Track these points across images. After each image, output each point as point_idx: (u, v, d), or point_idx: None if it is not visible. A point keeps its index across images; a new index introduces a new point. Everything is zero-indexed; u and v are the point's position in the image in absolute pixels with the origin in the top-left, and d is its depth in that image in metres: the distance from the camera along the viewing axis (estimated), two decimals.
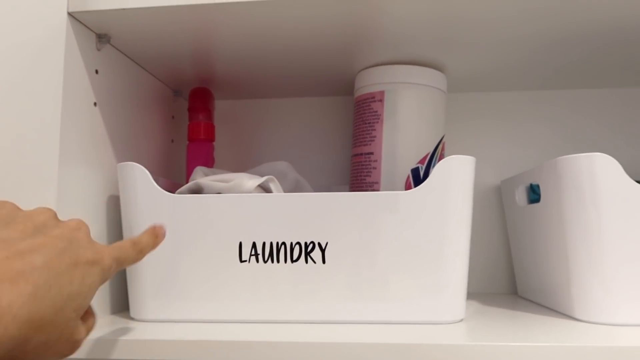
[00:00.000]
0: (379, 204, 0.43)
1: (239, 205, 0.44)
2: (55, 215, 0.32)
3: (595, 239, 0.43)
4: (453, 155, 0.43)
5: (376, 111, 0.56)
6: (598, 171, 0.42)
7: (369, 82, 0.57)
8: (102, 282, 0.31)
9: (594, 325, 0.42)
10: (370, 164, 0.56)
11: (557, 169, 0.45)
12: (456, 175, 0.43)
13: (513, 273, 0.65)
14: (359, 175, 0.57)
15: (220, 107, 0.70)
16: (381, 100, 0.56)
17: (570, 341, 0.36)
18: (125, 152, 0.54)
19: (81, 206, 0.45)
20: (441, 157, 0.57)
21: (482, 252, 0.65)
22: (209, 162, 0.61)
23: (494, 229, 0.66)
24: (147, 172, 0.45)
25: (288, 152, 0.69)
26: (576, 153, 0.65)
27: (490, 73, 0.62)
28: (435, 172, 0.43)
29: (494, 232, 0.65)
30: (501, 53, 0.55)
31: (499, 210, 0.66)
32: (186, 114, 0.66)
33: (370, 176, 0.56)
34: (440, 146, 0.57)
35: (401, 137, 0.55)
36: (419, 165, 0.55)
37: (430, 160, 0.56)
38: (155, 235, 0.38)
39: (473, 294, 0.62)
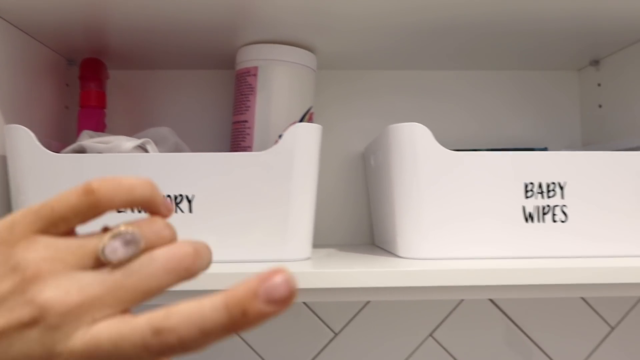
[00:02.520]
0: (236, 163, 0.51)
1: (112, 163, 0.51)
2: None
3: (414, 196, 0.53)
4: (300, 123, 0.52)
5: (251, 84, 0.64)
6: (416, 138, 0.53)
7: (246, 58, 0.65)
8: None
9: (410, 260, 0.53)
10: (245, 131, 0.64)
11: (388, 136, 0.55)
12: (303, 141, 0.52)
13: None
14: (235, 140, 0.65)
15: (115, 76, 0.75)
16: (255, 75, 0.64)
17: (388, 267, 0.46)
18: (16, 117, 0.58)
19: None
20: None
21: (349, 209, 0.76)
22: (99, 128, 0.66)
23: (359, 189, 0.76)
24: (30, 133, 0.51)
25: (177, 120, 0.75)
26: (427, 126, 0.76)
27: (359, 54, 0.71)
28: (284, 137, 0.52)
29: (359, 192, 0.76)
30: (367, 39, 0.65)
31: (364, 173, 0.76)
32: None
33: (244, 141, 0.63)
34: (307, 116, 0.65)
35: (272, 107, 0.63)
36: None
37: None
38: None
39: (337, 245, 0.73)
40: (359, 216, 0.76)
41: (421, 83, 0.78)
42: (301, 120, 0.65)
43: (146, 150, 0.54)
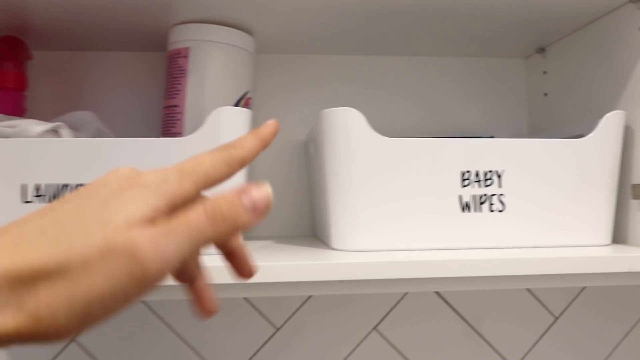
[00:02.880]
0: (156, 149, 0.48)
1: (17, 148, 0.46)
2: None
3: (347, 184, 0.51)
4: (225, 107, 0.48)
5: (182, 66, 0.60)
6: (349, 124, 0.50)
7: (177, 38, 0.61)
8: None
9: (341, 252, 0.50)
10: (175, 116, 0.60)
11: (321, 122, 0.52)
12: (228, 125, 0.49)
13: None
14: (166, 126, 0.61)
15: (40, 57, 0.70)
16: (186, 56, 0.60)
17: (312, 260, 0.44)
18: None
19: None
20: None
21: (290, 199, 0.73)
22: (18, 112, 0.61)
23: (301, 179, 0.73)
24: None
25: (106, 104, 0.71)
26: (373, 114, 0.74)
27: (301, 37, 0.68)
28: (207, 121, 0.48)
29: (301, 181, 0.73)
30: (307, 21, 0.61)
31: (306, 162, 0.74)
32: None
33: (174, 127, 0.60)
34: (242, 101, 0.62)
35: (204, 91, 0.60)
36: None
37: None
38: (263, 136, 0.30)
39: (277, 236, 0.70)
40: (301, 207, 0.73)
41: (367, 69, 0.76)
42: (236, 105, 0.61)
43: (60, 135, 0.50)
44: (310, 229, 0.73)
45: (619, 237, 0.57)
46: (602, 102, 0.61)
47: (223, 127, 0.48)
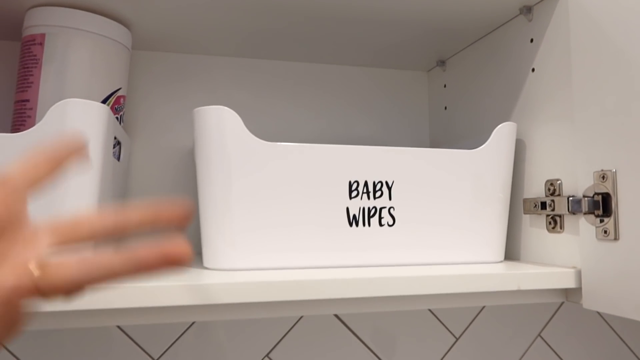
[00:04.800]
0: None
1: None
2: None
3: (220, 193, 0.44)
4: (71, 99, 0.41)
5: (35, 55, 0.51)
6: (224, 125, 0.44)
7: (32, 23, 0.52)
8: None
9: (210, 272, 0.44)
10: (25, 112, 0.51)
11: (195, 122, 0.46)
12: (77, 121, 0.41)
13: None
14: (15, 123, 0.51)
15: None
16: (41, 44, 0.51)
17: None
18: None
19: None
20: (112, 110, 0.54)
21: None
22: None
23: (190, 189, 0.66)
24: None
25: None
26: (268, 122, 0.68)
27: (189, 35, 0.62)
28: (47, 116, 0.40)
29: (189, 192, 0.66)
30: (194, 13, 0.55)
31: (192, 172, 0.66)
32: None
33: (24, 125, 0.51)
34: (112, 99, 0.54)
35: (63, 85, 0.51)
36: None
37: None
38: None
39: None
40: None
41: (263, 74, 0.70)
42: (103, 103, 0.53)
43: None
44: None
45: (511, 253, 0.55)
46: (498, 114, 0.59)
47: (70, 122, 0.40)
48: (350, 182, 0.46)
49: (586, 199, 0.44)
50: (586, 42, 0.45)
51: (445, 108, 0.71)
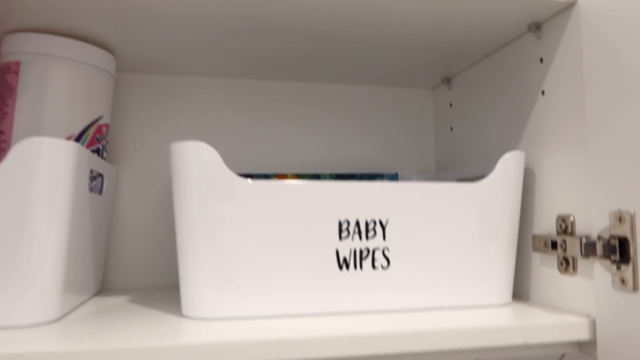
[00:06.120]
0: None
1: None
2: None
3: (197, 233, 0.41)
4: (38, 138, 0.38)
5: (10, 84, 0.49)
6: (200, 160, 0.41)
7: (7, 50, 0.50)
8: None
9: (187, 320, 0.40)
10: None
11: (171, 157, 0.43)
12: (40, 158, 0.38)
13: None
14: None
15: None
16: (16, 73, 0.49)
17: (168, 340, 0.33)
18: None
19: None
20: (92, 141, 0.51)
21: (163, 247, 0.62)
22: None
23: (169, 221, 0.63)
24: None
25: None
26: (260, 146, 0.65)
27: (177, 56, 0.59)
28: (10, 155, 0.37)
29: (170, 224, 0.63)
30: (180, 34, 0.52)
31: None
32: None
33: None
34: (92, 128, 0.51)
35: (40, 115, 0.48)
36: None
37: (77, 142, 0.50)
38: None
39: (136, 289, 0.59)
40: (174, 254, 0.62)
41: (259, 95, 0.67)
42: (81, 134, 0.50)
43: None
44: None
45: (520, 291, 0.51)
46: (505, 139, 0.55)
47: (33, 162, 0.37)
48: (340, 221, 0.43)
49: (601, 241, 0.40)
50: (600, 62, 0.41)
51: (452, 129, 0.67)
